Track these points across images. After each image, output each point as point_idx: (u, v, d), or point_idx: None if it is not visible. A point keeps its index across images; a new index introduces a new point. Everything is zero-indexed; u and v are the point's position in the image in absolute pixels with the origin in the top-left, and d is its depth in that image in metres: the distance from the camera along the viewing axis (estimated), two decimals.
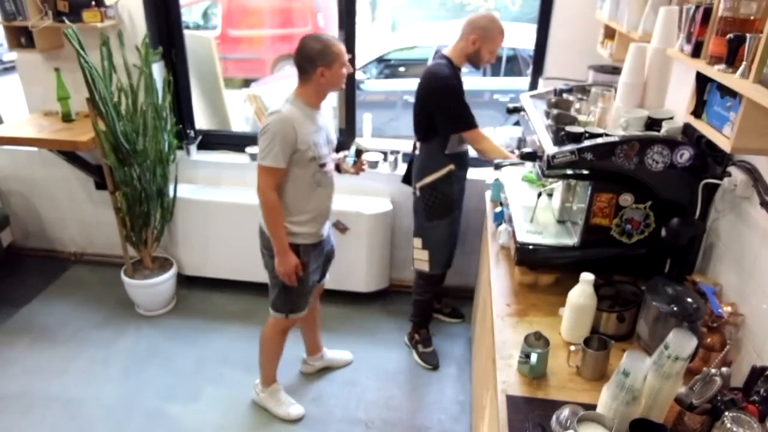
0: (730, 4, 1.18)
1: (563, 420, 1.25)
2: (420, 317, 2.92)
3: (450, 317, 3.20)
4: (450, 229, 2.69)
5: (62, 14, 2.86)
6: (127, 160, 2.86)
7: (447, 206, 2.61)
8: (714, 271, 1.68)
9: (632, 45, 1.84)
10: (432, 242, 2.67)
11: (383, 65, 5.23)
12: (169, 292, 3.23)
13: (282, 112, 2.04)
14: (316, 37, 2.07)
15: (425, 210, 2.62)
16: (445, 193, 2.59)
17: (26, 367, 2.80)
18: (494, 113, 4.85)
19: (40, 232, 3.67)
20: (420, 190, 2.61)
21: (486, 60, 2.46)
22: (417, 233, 2.71)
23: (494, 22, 2.40)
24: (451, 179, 2.57)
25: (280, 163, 2.05)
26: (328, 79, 2.08)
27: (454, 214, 2.67)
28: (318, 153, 2.13)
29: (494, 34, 2.40)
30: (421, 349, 2.90)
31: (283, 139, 2.02)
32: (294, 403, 2.55)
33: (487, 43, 2.41)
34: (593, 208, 1.74)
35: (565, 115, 1.91)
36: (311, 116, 2.13)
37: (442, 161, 2.54)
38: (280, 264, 2.18)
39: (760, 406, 1.18)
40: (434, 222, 2.63)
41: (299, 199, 2.17)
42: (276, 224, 2.14)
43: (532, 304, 1.80)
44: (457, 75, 2.44)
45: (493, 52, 2.45)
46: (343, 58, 2.09)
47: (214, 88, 3.88)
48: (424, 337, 2.92)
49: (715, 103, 1.31)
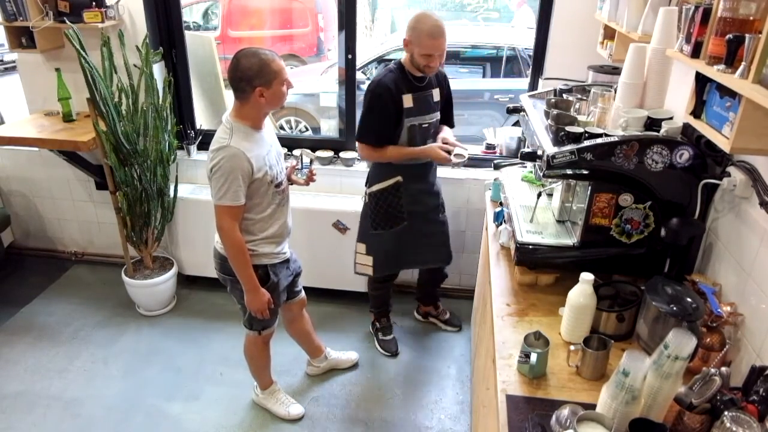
0: (730, 4, 1.18)
1: (563, 420, 1.25)
2: (377, 309, 2.96)
3: (446, 324, 3.12)
4: (398, 240, 2.59)
5: (63, 14, 2.86)
6: (127, 160, 2.86)
7: (393, 218, 2.53)
8: (713, 271, 1.68)
9: (632, 45, 1.84)
10: (375, 249, 2.62)
11: (383, 65, 5.23)
12: (170, 292, 3.23)
13: (230, 147, 1.89)
14: (252, 53, 1.89)
15: (370, 217, 2.56)
16: (392, 205, 2.50)
17: (27, 366, 2.80)
18: (494, 113, 4.86)
19: (40, 232, 3.67)
20: (368, 196, 2.55)
21: (423, 66, 2.21)
22: (361, 238, 2.66)
23: (422, 22, 2.11)
24: (399, 191, 2.48)
25: (240, 199, 1.95)
26: (268, 99, 1.92)
27: (403, 226, 2.57)
28: (273, 174, 2.04)
29: (420, 36, 2.11)
30: (381, 337, 2.95)
31: (239, 174, 1.90)
32: (294, 403, 2.56)
33: (416, 47, 2.16)
34: (593, 208, 1.75)
35: (565, 116, 1.91)
36: (258, 139, 2.00)
37: (388, 171, 2.46)
38: (252, 301, 2.11)
39: (760, 406, 1.18)
40: (378, 231, 2.57)
41: (261, 223, 2.09)
42: (245, 265, 2.04)
43: (532, 304, 1.80)
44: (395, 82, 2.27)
45: (427, 56, 2.17)
46: (282, 75, 1.92)
47: (214, 88, 3.88)
48: (384, 325, 2.98)
49: (714, 104, 1.32)
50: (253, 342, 2.38)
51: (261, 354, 2.44)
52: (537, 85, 2.92)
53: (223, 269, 2.18)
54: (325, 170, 3.15)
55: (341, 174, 3.17)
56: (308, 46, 6.87)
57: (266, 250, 2.14)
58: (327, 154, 3.15)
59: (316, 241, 3.10)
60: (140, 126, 2.86)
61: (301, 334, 2.67)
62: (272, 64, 1.90)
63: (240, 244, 2.01)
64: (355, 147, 3.21)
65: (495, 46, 5.12)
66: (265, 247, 2.14)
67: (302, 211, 3.03)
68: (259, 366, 2.50)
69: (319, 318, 3.16)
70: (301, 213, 3.03)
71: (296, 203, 3.01)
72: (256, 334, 2.32)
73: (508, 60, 5.04)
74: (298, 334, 2.66)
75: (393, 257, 2.67)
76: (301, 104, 4.87)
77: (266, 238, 2.13)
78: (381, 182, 2.49)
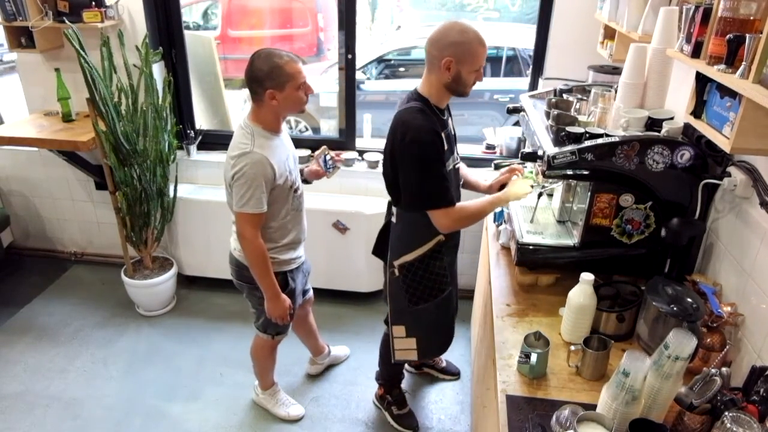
0: (730, 4, 1.18)
1: (563, 420, 1.25)
2: (389, 379, 2.48)
3: (443, 374, 2.76)
4: (445, 308, 2.09)
5: (62, 14, 2.86)
6: (127, 160, 2.86)
7: (437, 285, 2.00)
8: (714, 271, 1.68)
9: (632, 45, 1.84)
10: (421, 328, 2.09)
11: (383, 65, 5.23)
12: (169, 292, 3.23)
13: (254, 153, 1.85)
14: (267, 54, 1.82)
15: (406, 292, 2.01)
16: (433, 271, 1.98)
17: (27, 366, 2.80)
18: (494, 113, 4.86)
19: (40, 232, 3.67)
20: (398, 270, 1.99)
21: (473, 83, 1.80)
22: (396, 320, 2.09)
23: (467, 33, 1.72)
24: (441, 252, 1.97)
25: (263, 206, 1.90)
26: (280, 102, 1.86)
27: (449, 291, 2.06)
28: (293, 179, 2.01)
29: (473, 47, 1.72)
30: (396, 412, 2.48)
31: (262, 181, 1.86)
32: (294, 404, 2.55)
33: (466, 63, 1.73)
34: (593, 208, 1.75)
35: (566, 116, 1.91)
36: (278, 144, 1.95)
37: (429, 232, 1.91)
38: (274, 309, 2.08)
39: (760, 406, 1.18)
40: (422, 306, 2.02)
41: (282, 230, 2.07)
42: (267, 273, 1.99)
43: (532, 304, 1.80)
44: (433, 124, 1.78)
45: (478, 70, 1.77)
46: (297, 79, 1.84)
47: (214, 88, 3.88)
48: (397, 397, 2.48)
49: (714, 104, 1.32)
50: (263, 345, 2.37)
51: (269, 357, 2.44)
52: (537, 85, 2.92)
53: (240, 276, 2.16)
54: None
55: (341, 174, 3.14)
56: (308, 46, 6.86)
57: (287, 257, 2.13)
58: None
59: (316, 241, 3.10)
60: (140, 126, 2.86)
61: (308, 332, 2.67)
62: (286, 66, 1.82)
63: (263, 252, 1.97)
64: (354, 146, 3.22)
65: (495, 46, 5.13)
66: (286, 254, 2.12)
67: None
68: (264, 368, 2.50)
69: (319, 318, 3.15)
70: None
71: None
72: (269, 338, 2.31)
73: (508, 60, 5.04)
74: (304, 332, 2.65)
75: (442, 328, 2.17)
76: None
77: (287, 245, 2.11)
78: (417, 248, 1.95)
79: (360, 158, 3.17)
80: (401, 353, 2.16)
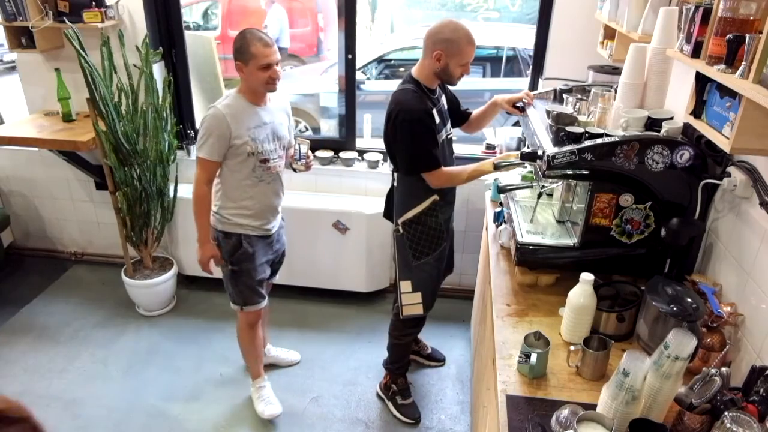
0: (730, 4, 1.18)
1: (563, 420, 1.25)
2: (398, 363, 2.57)
3: (429, 360, 2.87)
4: (439, 263, 2.37)
5: (63, 14, 2.86)
6: (127, 160, 2.86)
7: (435, 239, 2.29)
8: (714, 271, 1.68)
9: (632, 45, 1.84)
10: (423, 282, 2.33)
11: (383, 65, 5.23)
12: (169, 292, 3.23)
13: (217, 108, 2.07)
14: (246, 31, 2.03)
15: (411, 248, 2.29)
16: (432, 226, 2.27)
17: (27, 366, 2.80)
18: None
19: (40, 232, 3.67)
20: (402, 226, 2.28)
21: (459, 76, 2.10)
22: (404, 275, 2.33)
23: (458, 31, 2.02)
24: (436, 210, 2.26)
25: (214, 156, 2.09)
26: (246, 76, 2.07)
27: (443, 246, 2.35)
28: (258, 148, 2.14)
29: (461, 45, 2.02)
30: (400, 402, 2.56)
31: (215, 133, 2.06)
32: (273, 403, 2.52)
33: (454, 57, 2.03)
34: (593, 208, 1.75)
35: (565, 116, 1.91)
36: (252, 113, 2.13)
37: (424, 192, 2.22)
38: (199, 252, 2.22)
39: (760, 406, 1.18)
40: (423, 260, 2.30)
41: (239, 192, 2.20)
42: (201, 215, 2.18)
43: (532, 304, 1.80)
44: (423, 101, 2.09)
45: (465, 65, 2.08)
46: (258, 60, 2.01)
47: (214, 88, 3.88)
48: (402, 387, 2.58)
49: (714, 104, 1.32)
50: (240, 320, 2.43)
51: (247, 335, 2.46)
52: (537, 85, 2.92)
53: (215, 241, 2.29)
54: (325, 170, 3.15)
55: (341, 174, 3.17)
56: (308, 46, 6.87)
57: (242, 222, 2.24)
58: (327, 154, 3.14)
59: (316, 241, 3.10)
60: (140, 126, 2.86)
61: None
62: (251, 46, 2.01)
63: (203, 196, 2.15)
64: (354, 146, 3.22)
65: (495, 46, 5.12)
66: (240, 219, 2.24)
67: (302, 211, 3.03)
68: (248, 351, 2.53)
69: (319, 318, 3.16)
70: (301, 213, 3.03)
71: (296, 203, 3.02)
72: (239, 309, 2.38)
73: (508, 60, 5.04)
74: None
75: (437, 284, 2.44)
76: (301, 104, 4.87)
77: (243, 209, 2.23)
78: (416, 207, 2.24)
79: (360, 158, 3.17)
80: (408, 308, 2.37)
